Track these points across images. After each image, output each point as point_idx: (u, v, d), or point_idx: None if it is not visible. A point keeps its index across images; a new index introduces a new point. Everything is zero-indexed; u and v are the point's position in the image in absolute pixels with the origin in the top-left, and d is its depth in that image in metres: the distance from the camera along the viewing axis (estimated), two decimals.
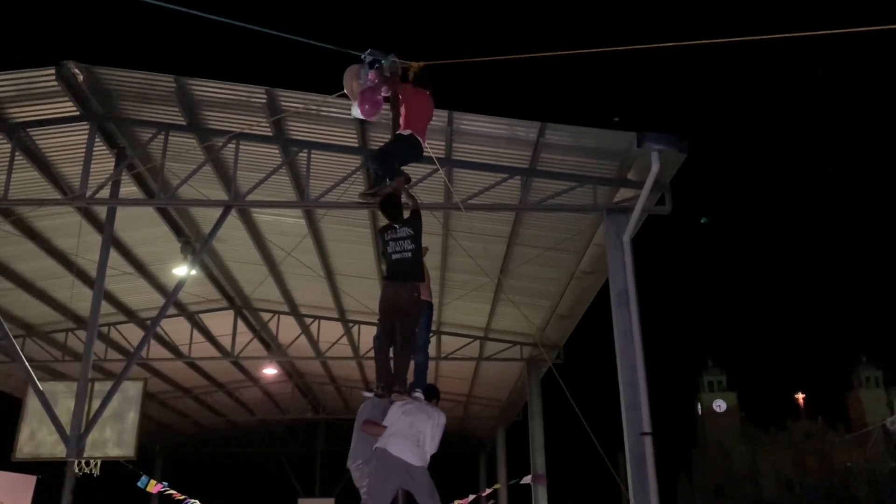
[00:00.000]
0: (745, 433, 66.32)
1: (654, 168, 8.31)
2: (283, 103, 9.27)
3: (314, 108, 9.29)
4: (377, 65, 6.26)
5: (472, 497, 22.79)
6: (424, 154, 7.47)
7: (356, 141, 9.73)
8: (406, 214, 6.01)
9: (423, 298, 6.00)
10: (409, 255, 5.74)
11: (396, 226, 5.85)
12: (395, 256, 5.79)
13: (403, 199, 6.12)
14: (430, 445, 5.16)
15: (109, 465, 11.42)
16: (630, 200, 9.36)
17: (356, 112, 6.37)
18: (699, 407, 71.71)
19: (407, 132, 6.23)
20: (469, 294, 14.13)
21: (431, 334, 16.47)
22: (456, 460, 30.15)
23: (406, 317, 5.74)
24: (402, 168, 6.40)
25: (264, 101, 9.19)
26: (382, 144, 6.87)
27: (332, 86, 7.58)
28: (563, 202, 9.84)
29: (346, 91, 6.56)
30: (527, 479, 17.48)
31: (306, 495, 29.35)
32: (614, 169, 9.47)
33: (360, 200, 7.25)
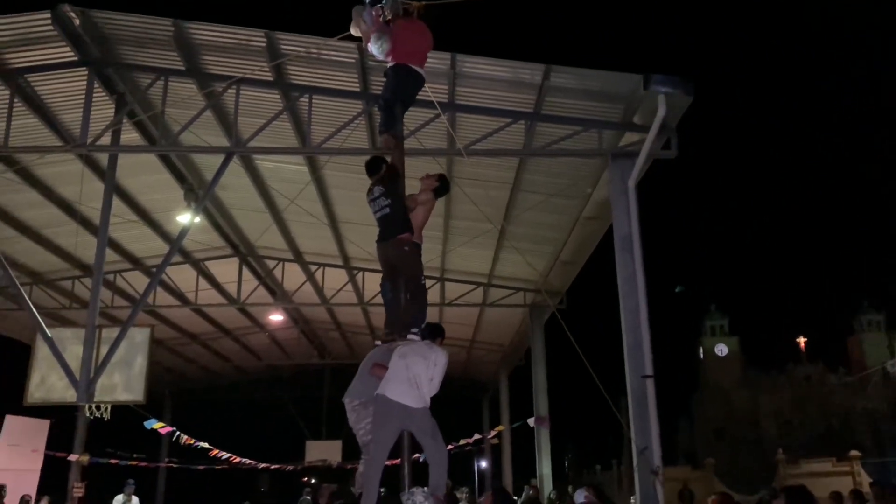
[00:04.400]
0: (745, 377, 67.08)
1: (661, 111, 8.22)
2: (283, 47, 9.12)
3: (315, 51, 9.15)
4: (378, 4, 6.16)
5: (476, 437, 23.26)
6: (427, 99, 7.40)
7: (358, 86, 9.60)
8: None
9: (414, 241, 6.01)
10: (388, 210, 5.83)
11: (374, 186, 5.97)
12: (377, 216, 5.93)
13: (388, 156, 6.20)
14: (429, 387, 5.11)
15: (120, 409, 11.65)
16: (635, 145, 9.26)
17: (374, 50, 6.28)
18: (701, 351, 72.39)
19: (394, 63, 6.16)
20: (472, 241, 14.13)
21: (435, 281, 16.65)
22: (460, 404, 30.64)
23: (402, 273, 5.85)
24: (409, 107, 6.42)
25: (264, 44, 9.04)
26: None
27: (332, 28, 7.47)
28: (567, 147, 9.75)
29: (354, 33, 6.49)
30: (531, 421, 17.82)
31: (314, 438, 29.93)
32: (619, 113, 9.35)
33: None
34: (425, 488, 5.00)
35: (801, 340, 67.14)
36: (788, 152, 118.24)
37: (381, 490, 5.10)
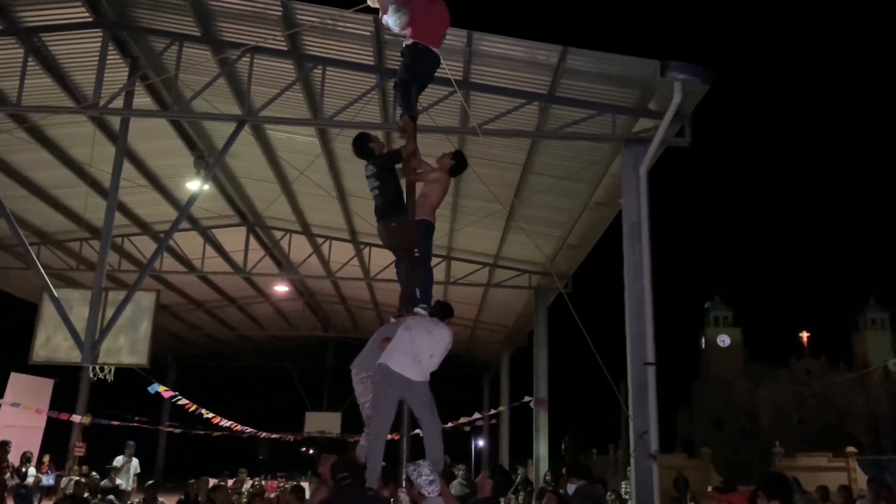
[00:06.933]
0: (747, 368, 67.11)
1: (676, 98, 8.15)
2: (298, 17, 9.05)
3: (330, 22, 9.07)
4: None
5: (476, 416, 23.40)
6: (442, 76, 7.33)
7: (372, 59, 9.54)
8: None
9: (422, 218, 5.94)
10: (377, 192, 5.76)
11: (368, 164, 5.87)
12: (373, 195, 5.82)
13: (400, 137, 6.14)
14: (429, 362, 5.09)
15: (123, 372, 11.75)
16: (649, 131, 9.20)
17: (390, 23, 6.20)
18: (703, 341, 72.41)
19: (410, 41, 6.09)
20: (480, 221, 14.12)
21: (442, 259, 16.65)
22: (461, 382, 30.82)
23: (397, 249, 5.85)
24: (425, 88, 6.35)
25: (280, 13, 8.98)
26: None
27: None
28: (581, 131, 9.69)
29: (371, 4, 6.42)
30: (528, 400, 17.95)
31: (314, 409, 30.18)
32: (635, 98, 9.28)
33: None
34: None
35: (804, 335, 67.03)
36: (800, 145, 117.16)
37: (383, 463, 5.13)
